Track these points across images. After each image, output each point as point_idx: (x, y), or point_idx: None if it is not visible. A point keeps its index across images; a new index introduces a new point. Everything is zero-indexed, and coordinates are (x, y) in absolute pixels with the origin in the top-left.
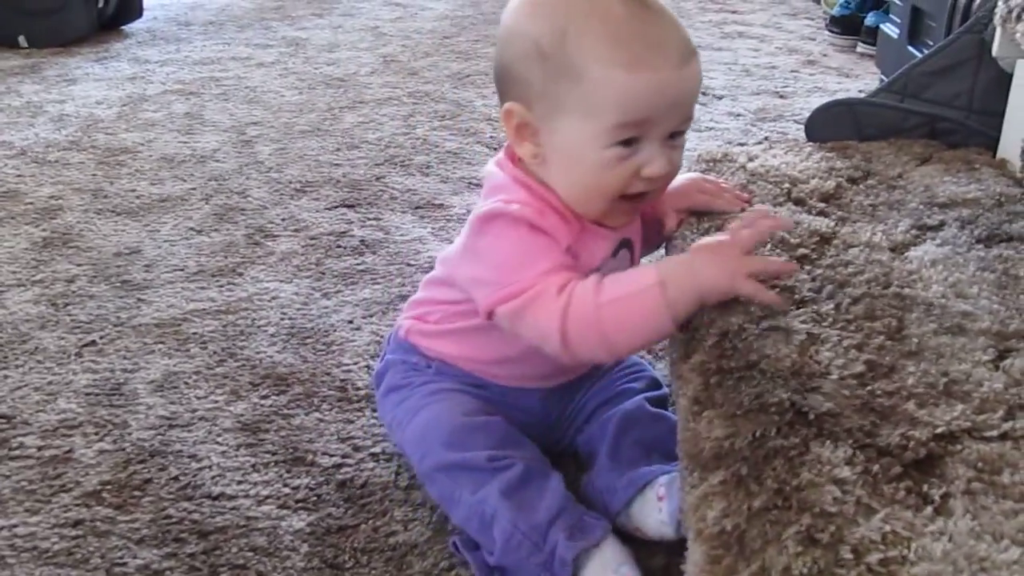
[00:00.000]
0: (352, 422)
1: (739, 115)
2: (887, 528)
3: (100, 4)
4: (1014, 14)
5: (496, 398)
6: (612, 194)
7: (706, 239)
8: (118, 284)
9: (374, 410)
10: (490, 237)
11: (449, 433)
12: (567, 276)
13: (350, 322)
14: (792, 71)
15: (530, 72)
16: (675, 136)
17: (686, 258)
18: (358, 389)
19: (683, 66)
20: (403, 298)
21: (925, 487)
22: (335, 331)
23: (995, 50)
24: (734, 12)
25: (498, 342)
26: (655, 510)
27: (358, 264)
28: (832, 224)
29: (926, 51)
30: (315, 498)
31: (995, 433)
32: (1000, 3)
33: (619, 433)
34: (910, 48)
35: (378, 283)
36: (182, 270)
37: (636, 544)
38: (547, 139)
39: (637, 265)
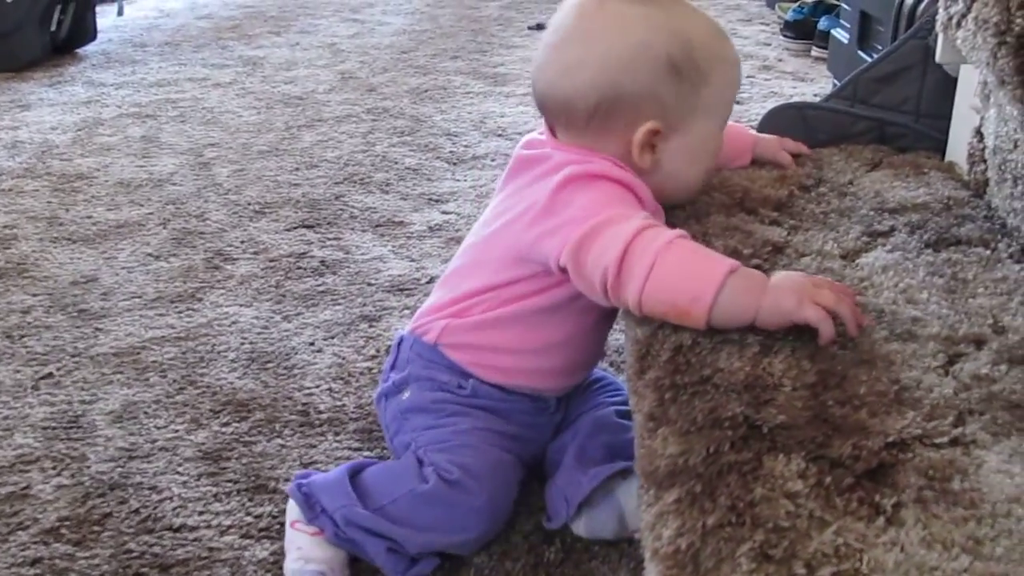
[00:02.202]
0: (314, 446)
1: None
2: (840, 541)
3: (53, 27)
4: (954, 20)
5: (519, 431)
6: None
7: None
8: (75, 313)
9: (336, 433)
10: (576, 191)
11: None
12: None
13: (311, 344)
14: (748, 77)
15: (664, 87)
16: None
17: (765, 275)
18: (320, 413)
19: None
20: (365, 318)
21: (877, 497)
22: (296, 354)
23: (938, 56)
24: None
25: (544, 327)
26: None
27: (318, 285)
28: (785, 233)
29: (875, 56)
30: (278, 527)
31: (945, 439)
32: (941, 10)
33: (588, 436)
34: (860, 53)
35: (339, 304)
36: (140, 297)
37: (599, 559)
38: (672, 145)
39: None
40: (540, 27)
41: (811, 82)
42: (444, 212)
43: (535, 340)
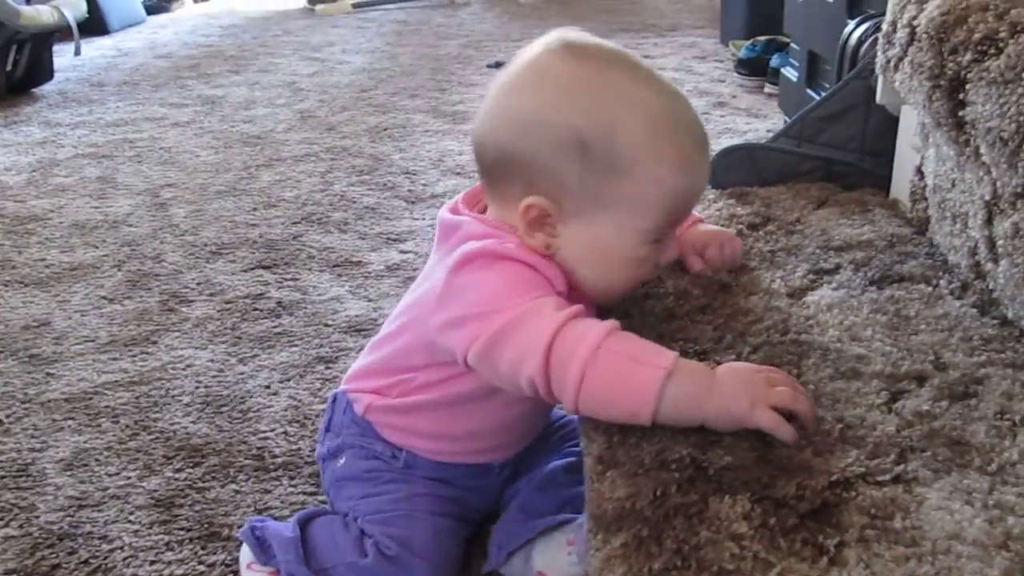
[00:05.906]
0: (269, 491)
1: None
2: None
3: (8, 67)
4: (892, 63)
5: (460, 494)
6: (635, 285)
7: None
8: (26, 359)
9: (292, 478)
10: (476, 272)
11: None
12: (566, 305)
13: (267, 387)
14: (703, 113)
15: (566, 166)
16: None
17: (709, 369)
18: (275, 457)
19: (708, 160)
20: (321, 359)
21: (820, 537)
22: (251, 397)
23: (879, 97)
24: (646, 56)
25: (469, 414)
26: (563, 553)
27: (275, 327)
28: (732, 273)
29: (823, 93)
30: (231, 575)
31: (888, 477)
32: (880, 53)
33: (536, 490)
34: (808, 91)
35: (295, 345)
36: (93, 341)
37: None
38: (572, 232)
39: None
40: (499, 65)
41: (764, 118)
42: (402, 251)
43: (462, 426)
